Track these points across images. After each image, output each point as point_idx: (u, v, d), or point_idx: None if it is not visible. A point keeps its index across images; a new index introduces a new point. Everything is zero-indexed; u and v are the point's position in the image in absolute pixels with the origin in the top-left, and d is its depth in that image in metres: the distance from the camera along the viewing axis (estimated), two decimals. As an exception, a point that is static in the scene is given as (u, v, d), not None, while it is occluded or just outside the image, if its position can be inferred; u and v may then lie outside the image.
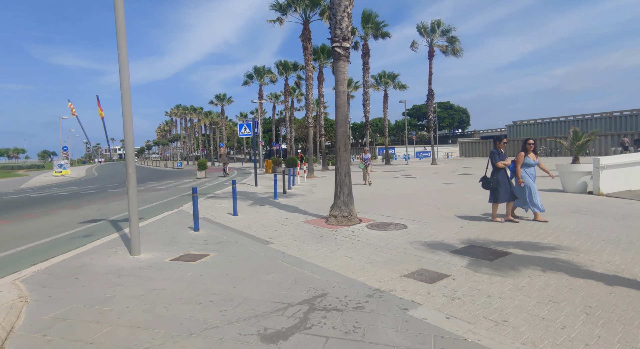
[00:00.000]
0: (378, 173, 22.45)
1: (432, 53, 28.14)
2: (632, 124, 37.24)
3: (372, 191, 12.37)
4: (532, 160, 6.84)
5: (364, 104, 24.88)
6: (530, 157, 6.84)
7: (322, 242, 5.67)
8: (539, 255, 4.58)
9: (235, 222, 7.53)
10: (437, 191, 11.83)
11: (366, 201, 9.93)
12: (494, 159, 6.78)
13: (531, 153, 6.87)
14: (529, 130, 45.32)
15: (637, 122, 37.14)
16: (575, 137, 10.44)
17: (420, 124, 77.08)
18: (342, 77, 7.10)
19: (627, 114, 37.60)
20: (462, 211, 7.95)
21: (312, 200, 10.89)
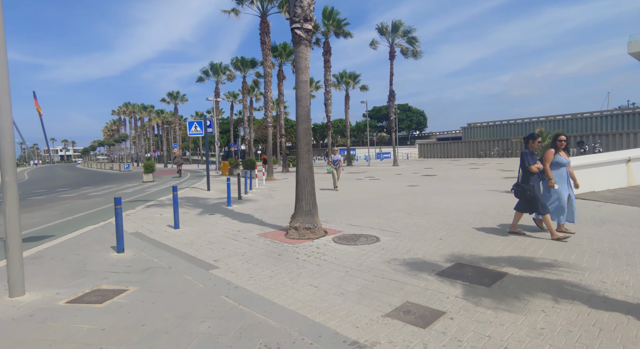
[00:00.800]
0: (341, 175, 21.70)
1: (393, 53, 28.01)
2: (573, 127, 39.92)
3: (336, 196, 11.45)
4: (564, 159, 5.54)
5: (326, 104, 24.09)
6: (562, 155, 5.55)
7: (281, 263, 4.59)
8: (539, 275, 3.84)
9: (175, 238, 6.21)
10: (404, 194, 11.19)
11: (331, 208, 8.98)
12: (528, 161, 5.41)
13: (562, 151, 5.57)
14: (482, 131, 47.26)
15: (576, 124, 39.88)
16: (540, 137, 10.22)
17: (380, 125, 78.21)
18: (303, 65, 6.07)
19: (569, 118, 40.24)
20: (435, 218, 7.23)
21: (270, 206, 9.74)
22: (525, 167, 5.43)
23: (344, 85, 33.67)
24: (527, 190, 5.36)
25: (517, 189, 5.56)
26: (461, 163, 28.61)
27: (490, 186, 12.32)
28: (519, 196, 5.52)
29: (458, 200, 9.44)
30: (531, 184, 5.38)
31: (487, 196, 9.95)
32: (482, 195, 10.38)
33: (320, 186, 14.78)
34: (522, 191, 5.44)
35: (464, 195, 10.51)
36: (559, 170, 5.57)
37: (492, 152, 37.82)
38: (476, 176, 16.70)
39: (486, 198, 9.59)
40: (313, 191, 6.27)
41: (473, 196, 10.04)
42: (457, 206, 8.54)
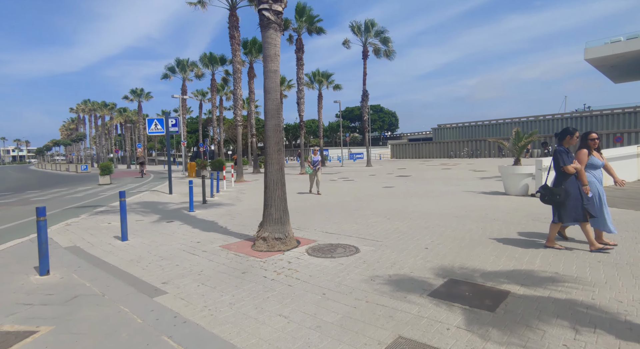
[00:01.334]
0: (314, 175, 21.10)
1: (366, 53, 27.71)
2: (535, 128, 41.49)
3: (309, 199, 10.76)
4: (599, 160, 4.88)
5: (298, 103, 23.37)
6: (595, 156, 4.88)
7: (245, 284, 3.83)
8: (546, 293, 3.33)
9: (120, 253, 5.26)
10: (380, 196, 10.68)
11: (304, 213, 8.27)
12: (563, 160, 4.58)
13: (595, 152, 4.89)
14: (451, 132, 48.25)
15: (539, 126, 41.49)
16: (517, 137, 10.05)
17: (353, 126, 78.39)
18: (272, 52, 5.32)
19: (532, 120, 41.78)
20: (417, 223, 6.71)
21: (237, 211, 8.89)
22: (560, 167, 4.62)
23: (317, 84, 33.06)
24: (557, 194, 4.54)
25: (545, 193, 4.69)
26: (433, 164, 28.81)
27: (466, 187, 12.08)
28: (548, 201, 4.68)
29: (437, 203, 9.02)
30: (562, 187, 4.57)
31: (465, 198, 9.61)
32: (459, 196, 10.04)
33: (295, 189, 14.06)
34: (551, 195, 4.60)
35: (441, 196, 10.14)
36: (595, 172, 4.86)
37: (462, 153, 38.57)
38: (450, 177, 16.58)
39: (465, 200, 9.24)
40: (284, 196, 5.54)
41: (451, 198, 9.68)
42: (438, 209, 8.09)
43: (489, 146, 37.62)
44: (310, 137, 75.79)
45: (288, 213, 5.59)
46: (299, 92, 23.36)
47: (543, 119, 42.92)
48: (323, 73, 32.53)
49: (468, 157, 38.03)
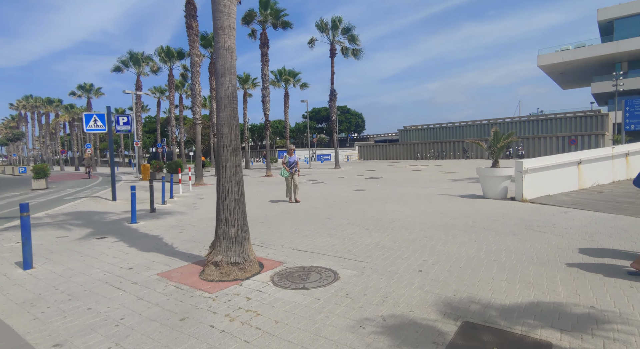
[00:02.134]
0: (280, 178, 19.88)
1: (333, 51, 26.93)
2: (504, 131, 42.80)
3: (276, 206, 9.60)
4: None
5: (263, 101, 22.05)
6: None
7: (181, 343, 2.65)
8: (598, 345, 2.46)
9: (12, 290, 3.85)
10: (354, 201, 9.74)
11: (269, 222, 7.12)
12: None
13: None
14: (417, 134, 48.84)
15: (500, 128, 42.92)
16: (495, 138, 9.53)
17: (320, 127, 77.76)
18: (225, 23, 4.15)
19: (492, 122, 43.05)
20: (400, 234, 5.80)
21: (190, 222, 7.56)
22: None
23: (283, 82, 31.83)
24: None
25: None
26: (401, 165, 28.57)
27: (441, 190, 11.47)
28: None
29: (416, 208, 8.21)
30: None
31: (444, 203, 8.90)
32: (437, 201, 9.33)
33: (261, 193, 12.79)
34: None
35: (419, 201, 9.37)
36: None
37: (428, 154, 38.93)
38: (421, 179, 16.06)
39: (444, 205, 8.52)
40: (243, 209, 4.39)
41: (429, 203, 8.94)
42: (418, 216, 7.26)
43: (454, 147, 38.25)
44: (277, 137, 74.21)
45: (248, 229, 4.44)
46: (264, 90, 22.06)
47: (502, 122, 44.46)
48: (289, 71, 31.37)
49: (434, 158, 38.43)
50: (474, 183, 13.44)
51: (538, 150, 32.95)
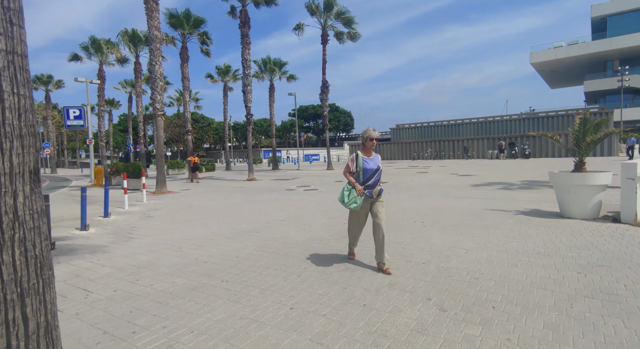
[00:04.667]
0: (264, 182, 16.51)
1: (325, 37, 23.72)
2: (501, 129, 40.52)
3: (252, 242, 6.29)
4: None
5: (244, 91, 18.63)
6: None
7: None
8: None
9: None
10: None
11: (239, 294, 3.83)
12: None
13: None
14: (411, 133, 46.21)
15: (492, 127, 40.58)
16: (582, 128, 6.47)
17: (307, 126, 74.48)
18: None
19: (498, 119, 40.75)
20: (513, 318, 2.61)
21: (100, 277, 4.18)
22: None
23: (267, 74, 28.43)
24: None
25: None
26: (400, 166, 25.59)
27: (480, 202, 8.38)
28: None
29: (485, 243, 5.06)
30: None
31: (515, 228, 5.79)
32: (498, 223, 6.22)
33: (251, 218, 9.44)
34: None
35: (472, 225, 6.23)
36: None
37: (426, 154, 36.20)
38: (437, 184, 12.99)
39: (522, 234, 5.40)
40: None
41: (494, 230, 5.81)
42: (508, 263, 4.10)
43: (453, 146, 35.64)
44: (262, 136, 70.57)
45: None
46: (245, 78, 18.62)
47: (500, 120, 42.23)
48: (275, 61, 27.99)
49: (432, 158, 35.72)
50: (507, 189, 10.46)
51: (545, 150, 30.60)
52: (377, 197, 4.02)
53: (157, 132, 13.31)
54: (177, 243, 5.62)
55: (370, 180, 3.94)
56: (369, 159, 4.01)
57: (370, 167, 3.95)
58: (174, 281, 3.83)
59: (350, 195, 3.90)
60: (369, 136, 4.02)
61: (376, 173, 3.97)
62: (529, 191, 10.31)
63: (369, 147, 4.05)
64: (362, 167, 3.93)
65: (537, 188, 10.94)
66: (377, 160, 4.07)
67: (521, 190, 10.62)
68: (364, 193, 3.88)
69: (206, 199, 11.20)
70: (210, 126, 64.05)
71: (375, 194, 3.98)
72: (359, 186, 3.86)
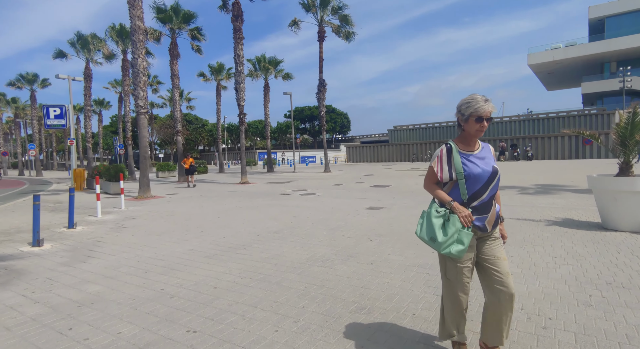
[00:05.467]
0: (258, 186, 15.41)
1: (322, 33, 22.73)
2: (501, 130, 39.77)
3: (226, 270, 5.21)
4: None
5: (237, 89, 17.54)
6: None
7: None
8: None
9: None
10: (385, 237, 5.50)
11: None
12: None
13: None
14: (409, 134, 45.36)
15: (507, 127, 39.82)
16: (630, 123, 5.47)
17: (303, 127, 73.47)
18: None
19: (498, 121, 40.02)
20: None
21: (23, 319, 3.07)
22: None
23: (262, 72, 27.37)
24: None
25: None
26: (400, 168, 24.62)
27: (504, 210, 7.36)
28: None
29: (527, 265, 4.03)
30: None
31: (550, 239, 4.78)
32: (535, 238, 5.20)
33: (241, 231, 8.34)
34: None
35: (510, 240, 5.20)
36: None
37: (425, 156, 35.32)
38: (448, 188, 11.97)
39: (571, 253, 4.39)
40: None
41: (527, 243, 4.79)
42: (573, 304, 3.07)
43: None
44: (257, 138, 69.45)
45: None
46: (238, 75, 17.55)
47: (500, 121, 41.52)
48: (270, 59, 26.94)
49: (427, 160, 34.84)
50: (524, 194, 9.46)
51: (548, 152, 29.82)
52: (493, 229, 2.15)
53: (140, 131, 12.18)
54: (144, 264, 4.53)
55: (482, 196, 2.08)
56: (476, 155, 2.13)
57: (481, 171, 2.08)
58: (120, 331, 2.74)
59: (447, 227, 2.03)
60: (476, 112, 2.05)
61: (492, 183, 2.10)
62: (549, 196, 9.33)
63: (474, 133, 2.10)
64: (465, 172, 2.07)
65: (556, 192, 9.97)
66: (490, 155, 2.20)
67: (540, 195, 9.64)
68: (471, 224, 2.02)
69: (192, 205, 10.10)
70: (204, 127, 62.79)
71: (491, 224, 2.12)
72: (462, 210, 2.03)
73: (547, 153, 30.06)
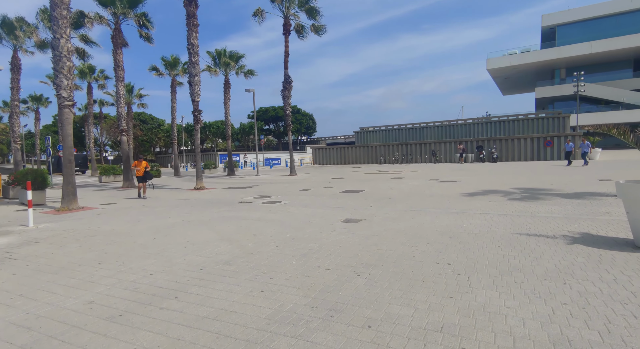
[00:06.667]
0: (215, 192, 13.50)
1: (288, 26, 21.15)
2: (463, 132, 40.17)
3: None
4: None
5: (191, 82, 15.43)
6: None
7: None
8: None
9: None
10: (376, 269, 4.07)
11: None
12: None
13: None
14: (376, 136, 44.85)
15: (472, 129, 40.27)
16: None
17: (267, 129, 71.24)
18: None
19: (461, 123, 40.41)
20: None
21: None
22: None
23: (221, 68, 25.24)
24: None
25: None
26: (369, 171, 23.57)
27: (498, 219, 6.22)
28: None
29: (586, 317, 2.72)
30: None
31: (586, 267, 3.61)
32: (550, 256, 4.01)
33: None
34: None
35: (523, 268, 3.95)
36: None
37: (393, 157, 34.75)
38: (424, 193, 10.83)
39: (612, 282, 3.18)
40: None
41: (560, 275, 3.57)
42: None
43: (420, 150, 34.53)
44: (218, 139, 66.28)
45: None
46: (192, 67, 15.52)
47: (464, 123, 42.13)
48: (231, 53, 24.89)
49: (400, 161, 34.35)
50: (513, 201, 8.49)
51: (512, 153, 30.23)
52: None
53: (64, 128, 9.92)
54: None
55: None
56: None
57: None
58: None
59: None
60: None
61: None
62: (541, 203, 8.40)
63: None
64: None
65: (545, 197, 9.11)
66: None
67: (530, 201, 8.71)
68: None
69: (127, 220, 8.12)
70: (160, 127, 58.75)
71: None
72: None
73: (510, 154, 30.45)
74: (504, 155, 30.53)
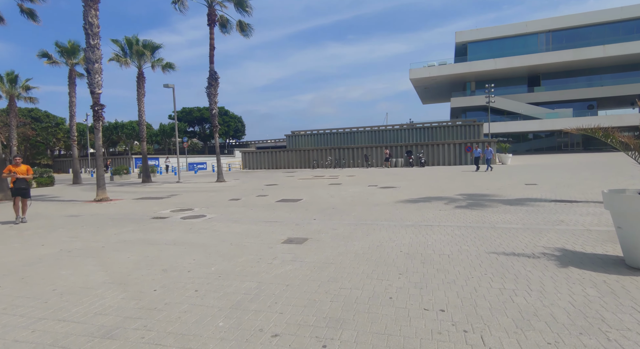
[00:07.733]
0: (122, 204, 10.93)
1: (213, 17, 19.02)
2: (391, 137, 41.46)
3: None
4: None
5: (89, 70, 12.50)
6: None
7: None
8: None
9: None
10: (345, 324, 2.74)
11: None
12: None
13: None
14: (308, 140, 44.14)
15: (397, 135, 41.63)
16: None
17: (192, 131, 66.16)
18: None
19: (390, 129, 41.60)
20: None
21: None
22: None
23: (134, 59, 21.88)
24: None
25: None
26: (303, 176, 22.41)
27: (461, 233, 5.45)
28: None
29: None
30: None
31: (593, 304, 2.76)
32: (547, 286, 3.18)
33: None
34: None
35: (535, 313, 2.99)
36: None
37: (326, 162, 34.20)
38: (367, 202, 9.93)
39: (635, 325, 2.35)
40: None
41: (576, 321, 2.66)
42: None
43: (353, 154, 34.58)
44: (134, 142, 59.44)
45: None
46: (90, 51, 12.66)
47: (392, 129, 43.64)
48: (146, 42, 21.70)
49: (333, 166, 33.92)
50: (462, 208, 8.01)
51: (437, 158, 31.77)
52: None
53: None
54: None
55: None
56: None
57: None
58: None
59: None
60: None
61: None
62: (491, 210, 7.99)
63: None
64: None
65: (490, 204, 8.81)
66: None
67: (479, 209, 8.27)
68: None
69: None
70: (59, 127, 50.46)
71: None
72: None
73: (435, 159, 31.95)
74: (430, 160, 31.96)
